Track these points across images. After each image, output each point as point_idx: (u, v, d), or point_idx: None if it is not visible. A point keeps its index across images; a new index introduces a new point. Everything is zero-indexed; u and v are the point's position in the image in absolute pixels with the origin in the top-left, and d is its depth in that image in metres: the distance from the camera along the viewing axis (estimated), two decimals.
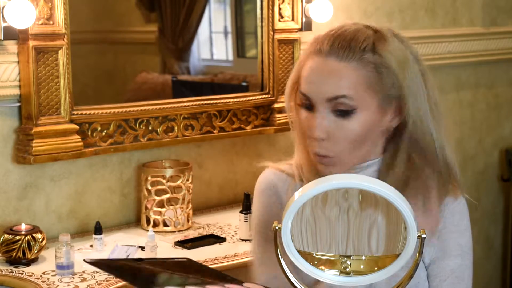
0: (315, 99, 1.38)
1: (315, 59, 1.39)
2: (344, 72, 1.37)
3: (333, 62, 1.37)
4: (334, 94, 1.37)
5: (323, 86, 1.37)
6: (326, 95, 1.37)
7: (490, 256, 3.86)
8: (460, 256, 1.46)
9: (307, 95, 1.39)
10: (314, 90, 1.38)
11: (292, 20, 2.82)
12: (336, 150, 1.39)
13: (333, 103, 1.37)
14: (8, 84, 2.30)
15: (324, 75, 1.37)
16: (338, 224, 1.20)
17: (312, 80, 1.39)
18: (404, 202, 1.15)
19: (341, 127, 1.38)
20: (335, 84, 1.37)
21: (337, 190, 1.18)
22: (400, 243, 1.18)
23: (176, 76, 2.91)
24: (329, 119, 1.38)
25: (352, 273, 1.21)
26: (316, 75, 1.38)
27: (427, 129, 1.44)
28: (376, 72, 1.38)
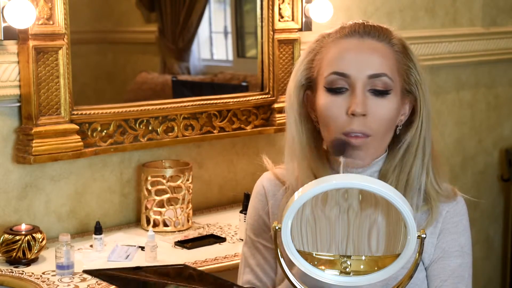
0: (355, 76, 1.37)
1: (348, 40, 1.40)
2: (383, 51, 1.39)
3: (371, 41, 1.39)
4: (377, 71, 1.37)
5: (366, 63, 1.37)
6: (368, 72, 1.37)
7: (490, 256, 3.86)
8: (461, 256, 1.47)
9: (347, 73, 1.37)
10: (354, 67, 1.37)
11: (292, 20, 2.82)
12: (373, 128, 1.38)
13: (373, 81, 1.37)
14: (8, 84, 2.30)
15: (365, 52, 1.38)
16: (338, 224, 1.20)
17: (350, 58, 1.38)
18: (404, 202, 1.15)
19: (379, 106, 1.37)
20: (378, 60, 1.38)
21: (337, 190, 1.18)
22: (400, 243, 1.18)
23: (176, 76, 2.91)
24: (368, 97, 1.37)
25: (352, 273, 1.21)
26: (355, 53, 1.38)
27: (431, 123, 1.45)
28: (402, 54, 1.42)
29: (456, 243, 1.47)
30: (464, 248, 1.48)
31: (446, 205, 1.47)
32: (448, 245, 1.46)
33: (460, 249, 1.47)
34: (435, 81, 3.49)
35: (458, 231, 1.47)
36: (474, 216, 3.65)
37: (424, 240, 1.20)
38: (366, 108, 1.36)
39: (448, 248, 1.46)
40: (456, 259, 1.46)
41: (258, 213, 1.55)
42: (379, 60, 1.38)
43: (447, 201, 1.47)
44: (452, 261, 1.46)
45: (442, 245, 1.46)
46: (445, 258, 1.46)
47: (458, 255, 1.47)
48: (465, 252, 1.48)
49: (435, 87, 3.49)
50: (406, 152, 1.44)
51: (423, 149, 1.44)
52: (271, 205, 1.53)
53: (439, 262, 1.46)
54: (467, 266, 1.48)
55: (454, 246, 1.46)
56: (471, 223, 1.53)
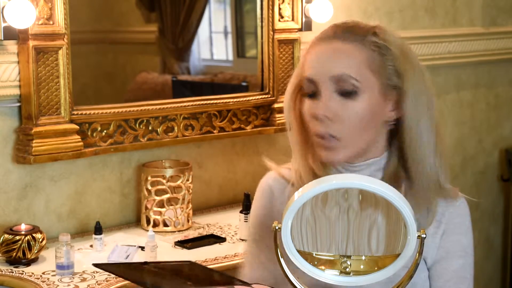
0: (320, 79, 1.38)
1: (319, 45, 1.41)
2: (348, 51, 1.38)
3: (337, 43, 1.39)
4: (339, 72, 1.37)
5: (328, 65, 1.38)
6: (330, 73, 1.37)
7: (490, 256, 3.86)
8: (463, 256, 1.47)
9: (311, 77, 1.38)
10: (318, 70, 1.38)
11: (292, 20, 2.82)
12: (342, 131, 1.37)
13: (338, 83, 1.37)
14: (8, 84, 2.30)
15: (328, 55, 1.38)
16: (338, 224, 1.20)
17: (316, 61, 1.39)
18: (404, 202, 1.15)
19: (347, 108, 1.37)
20: (340, 62, 1.37)
21: (337, 190, 1.18)
22: (400, 243, 1.18)
23: (176, 76, 2.91)
24: (334, 99, 1.37)
25: (352, 273, 1.21)
26: (320, 56, 1.39)
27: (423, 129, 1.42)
28: (379, 54, 1.39)
29: (459, 244, 1.47)
30: (467, 249, 1.48)
31: (449, 206, 1.47)
32: (451, 246, 1.46)
33: (463, 249, 1.47)
34: (435, 81, 3.47)
35: (461, 232, 1.48)
36: (474, 217, 3.63)
37: (424, 240, 1.20)
38: (329, 111, 1.37)
39: (451, 249, 1.46)
40: (459, 260, 1.46)
41: (267, 212, 1.54)
42: (343, 61, 1.37)
43: (449, 202, 1.47)
44: (454, 262, 1.46)
45: (445, 246, 1.46)
46: (448, 258, 1.46)
47: (460, 255, 1.47)
48: (467, 253, 1.48)
49: (435, 87, 3.48)
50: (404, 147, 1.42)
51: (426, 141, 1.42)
52: (280, 202, 1.52)
53: (442, 263, 1.46)
54: (469, 266, 1.48)
55: (457, 246, 1.47)
56: (471, 223, 1.53)
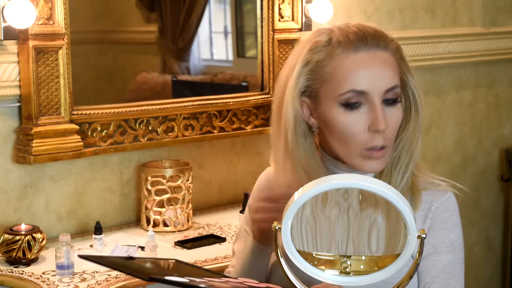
0: (373, 92, 1.37)
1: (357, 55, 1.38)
2: (391, 61, 1.39)
3: (378, 52, 1.38)
4: (392, 84, 1.38)
5: (381, 78, 1.37)
6: (384, 86, 1.37)
7: (490, 256, 3.86)
8: (451, 252, 1.46)
9: (364, 90, 1.37)
10: (371, 84, 1.37)
11: (292, 20, 2.82)
12: (390, 140, 1.41)
13: (387, 94, 1.38)
14: (8, 84, 2.30)
15: (378, 67, 1.38)
16: (338, 224, 1.20)
17: (365, 75, 1.37)
18: (404, 202, 1.15)
19: (392, 115, 1.39)
20: (390, 74, 1.38)
21: (337, 190, 1.18)
22: (400, 243, 1.18)
23: (176, 76, 2.91)
24: (384, 111, 1.38)
25: (352, 273, 1.21)
26: (369, 69, 1.37)
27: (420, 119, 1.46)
28: (399, 58, 1.42)
29: (446, 239, 1.46)
30: (455, 244, 1.47)
31: (435, 201, 1.47)
32: (438, 241, 1.46)
33: (451, 244, 1.47)
34: (435, 81, 3.48)
35: (448, 227, 1.47)
36: (474, 216, 3.64)
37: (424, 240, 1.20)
38: (386, 123, 1.38)
39: (439, 244, 1.46)
40: (447, 255, 1.46)
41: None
42: (391, 73, 1.39)
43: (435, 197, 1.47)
44: (442, 257, 1.46)
45: (432, 241, 1.46)
46: (435, 254, 1.46)
47: (448, 251, 1.46)
48: (455, 248, 1.47)
49: (435, 87, 3.49)
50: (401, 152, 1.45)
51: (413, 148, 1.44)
52: None
53: (430, 258, 1.46)
54: (458, 262, 1.47)
55: (444, 242, 1.46)
56: (471, 223, 1.53)
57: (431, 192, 1.48)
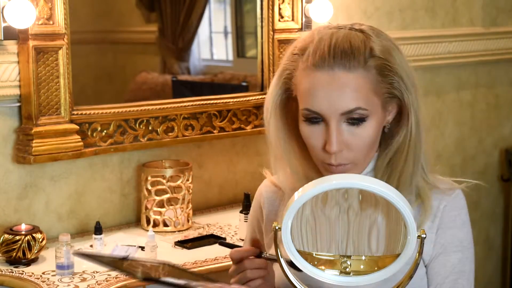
0: (328, 114, 1.34)
1: (318, 74, 1.35)
2: (354, 83, 1.33)
3: (341, 74, 1.33)
4: (349, 108, 1.33)
5: (337, 101, 1.33)
6: (340, 110, 1.33)
7: (490, 256, 3.86)
8: (461, 251, 1.46)
9: (318, 112, 1.35)
10: (326, 106, 1.34)
11: (292, 20, 2.82)
12: (351, 157, 1.37)
13: (347, 115, 1.34)
14: (8, 84, 2.30)
15: (335, 90, 1.33)
16: (338, 224, 1.20)
17: (321, 96, 1.34)
18: (404, 202, 1.15)
19: (356, 135, 1.36)
20: (349, 97, 1.33)
21: (337, 190, 1.18)
22: (400, 243, 1.18)
23: (176, 76, 2.91)
24: (343, 131, 1.35)
25: (352, 273, 1.21)
26: (326, 91, 1.34)
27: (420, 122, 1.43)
28: (379, 75, 1.36)
29: (455, 238, 1.46)
30: (464, 242, 1.47)
31: (443, 199, 1.46)
32: (447, 241, 1.45)
33: (460, 243, 1.46)
34: (435, 81, 3.48)
35: (456, 226, 1.46)
36: (474, 217, 3.64)
37: (424, 240, 1.20)
38: (341, 145, 1.35)
39: (447, 244, 1.45)
40: (456, 254, 1.45)
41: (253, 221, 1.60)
42: (351, 95, 1.34)
43: (443, 195, 1.46)
44: (451, 257, 1.45)
45: (441, 241, 1.45)
46: (444, 254, 1.45)
47: (457, 250, 1.45)
48: (464, 247, 1.47)
49: (435, 87, 3.49)
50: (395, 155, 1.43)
51: (414, 152, 1.42)
52: (267, 212, 1.55)
53: (439, 259, 1.45)
54: (467, 260, 1.47)
55: (453, 241, 1.45)
56: (471, 223, 1.53)
57: (440, 191, 1.47)
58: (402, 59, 1.40)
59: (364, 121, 1.35)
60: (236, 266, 1.40)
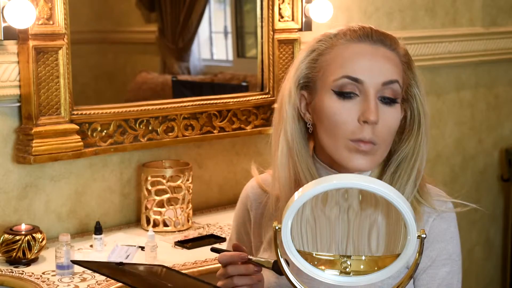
0: (369, 83, 1.35)
1: (361, 45, 1.37)
2: (395, 60, 1.38)
3: (384, 49, 1.38)
4: (391, 78, 1.36)
5: (381, 70, 1.36)
6: (382, 79, 1.36)
7: (490, 256, 3.86)
8: (449, 264, 1.45)
9: (359, 78, 1.35)
10: (368, 73, 1.35)
11: (292, 20, 2.82)
12: (382, 137, 1.37)
13: (384, 89, 1.36)
14: (8, 84, 2.30)
15: (379, 60, 1.36)
16: (338, 224, 1.20)
17: (365, 64, 1.36)
18: (404, 202, 1.15)
19: (387, 114, 1.37)
20: (391, 69, 1.37)
21: (337, 190, 1.18)
22: (400, 243, 1.18)
23: (176, 76, 2.91)
24: (379, 105, 1.36)
25: (352, 273, 1.21)
26: (369, 59, 1.36)
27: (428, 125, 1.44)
28: (408, 69, 1.41)
29: (444, 251, 1.45)
30: (452, 256, 1.45)
31: (433, 212, 1.45)
32: (436, 254, 1.44)
33: (449, 257, 1.45)
34: (435, 81, 3.48)
35: (445, 239, 1.45)
36: (474, 217, 3.64)
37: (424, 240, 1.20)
38: (378, 116, 1.35)
39: (436, 257, 1.44)
40: (445, 267, 1.44)
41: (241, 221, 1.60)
42: (393, 69, 1.37)
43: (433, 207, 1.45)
44: (440, 270, 1.44)
45: (430, 254, 1.44)
46: (433, 267, 1.44)
47: (446, 263, 1.44)
48: (453, 260, 1.45)
49: (435, 87, 3.49)
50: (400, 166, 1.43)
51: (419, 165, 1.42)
52: (254, 215, 1.56)
53: (428, 271, 1.44)
54: (455, 273, 1.46)
55: (442, 254, 1.45)
56: (471, 224, 1.53)
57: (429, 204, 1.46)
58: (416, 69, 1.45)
59: (396, 102, 1.38)
60: (223, 270, 1.39)
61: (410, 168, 1.42)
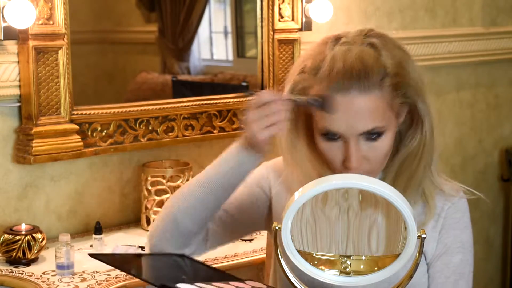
0: (347, 134, 1.37)
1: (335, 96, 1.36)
2: (370, 105, 1.36)
3: (356, 96, 1.35)
4: (367, 129, 1.36)
5: (355, 124, 1.36)
6: (358, 131, 1.36)
7: (490, 256, 3.86)
8: (462, 252, 1.48)
9: (336, 132, 1.37)
10: (344, 128, 1.36)
11: (292, 20, 2.82)
12: (370, 168, 1.40)
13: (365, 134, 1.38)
14: (8, 84, 2.30)
15: (352, 114, 1.36)
16: (338, 224, 1.20)
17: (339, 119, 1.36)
18: (404, 202, 1.15)
19: (374, 149, 1.39)
20: (366, 119, 1.36)
21: (337, 190, 1.18)
22: (400, 243, 1.18)
23: (176, 76, 2.91)
24: (361, 146, 1.38)
25: (352, 273, 1.21)
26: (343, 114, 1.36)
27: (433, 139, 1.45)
28: (394, 91, 1.39)
29: (458, 239, 1.48)
30: (465, 245, 1.49)
31: (448, 200, 1.48)
32: (450, 241, 1.47)
33: (462, 245, 1.48)
34: (435, 81, 3.48)
35: (460, 227, 1.49)
36: (474, 216, 3.62)
37: (424, 240, 1.20)
38: (360, 160, 1.38)
39: (450, 244, 1.47)
40: (458, 255, 1.48)
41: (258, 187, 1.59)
42: (368, 117, 1.36)
43: (448, 196, 1.48)
44: (454, 257, 1.47)
45: (444, 241, 1.47)
46: (447, 254, 1.47)
47: (459, 251, 1.48)
48: (466, 249, 1.49)
49: (435, 87, 3.49)
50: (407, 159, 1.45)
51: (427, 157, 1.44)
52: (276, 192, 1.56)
53: (442, 258, 1.47)
54: (467, 263, 1.49)
55: (456, 242, 1.48)
56: (471, 223, 1.54)
57: (444, 192, 1.49)
58: (412, 66, 1.43)
59: (382, 135, 1.38)
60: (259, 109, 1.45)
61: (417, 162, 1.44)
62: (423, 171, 1.44)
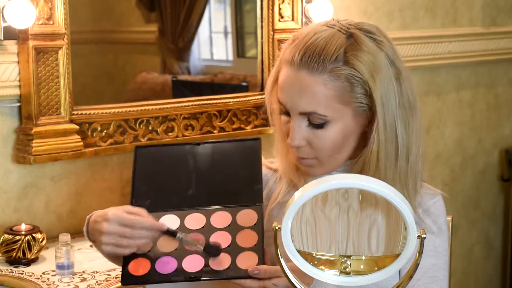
0: (290, 109, 1.41)
1: (288, 69, 1.40)
2: (315, 88, 1.37)
3: (304, 76, 1.37)
4: (306, 110, 1.39)
5: (296, 100, 1.39)
6: (298, 109, 1.39)
7: (490, 256, 3.86)
8: (435, 256, 1.46)
9: (284, 104, 1.42)
10: (288, 101, 1.41)
11: (292, 20, 2.82)
12: (313, 154, 1.42)
13: (307, 116, 1.40)
14: (8, 84, 2.30)
15: (296, 90, 1.39)
16: (338, 224, 1.20)
17: (285, 91, 1.41)
18: (404, 202, 1.15)
19: (317, 136, 1.41)
20: (307, 100, 1.38)
21: (337, 190, 1.18)
22: (400, 243, 1.18)
23: (176, 76, 2.91)
24: (305, 128, 1.40)
25: (352, 273, 1.21)
26: (289, 87, 1.40)
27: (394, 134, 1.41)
28: (348, 83, 1.37)
29: (430, 243, 1.46)
30: (439, 249, 1.47)
31: (422, 203, 1.47)
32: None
33: (434, 249, 1.46)
34: (435, 81, 3.49)
35: (433, 231, 1.47)
36: (474, 216, 3.64)
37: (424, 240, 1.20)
38: (301, 140, 1.40)
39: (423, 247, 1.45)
40: (430, 259, 1.46)
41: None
42: (309, 99, 1.38)
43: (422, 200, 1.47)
44: (425, 261, 1.45)
45: None
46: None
47: (432, 255, 1.46)
48: (439, 253, 1.47)
49: (435, 87, 3.49)
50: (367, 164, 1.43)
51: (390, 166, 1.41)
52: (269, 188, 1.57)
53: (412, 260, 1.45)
54: (441, 267, 1.47)
55: (428, 246, 1.45)
56: (471, 223, 1.53)
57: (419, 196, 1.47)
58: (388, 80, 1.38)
59: (326, 125, 1.39)
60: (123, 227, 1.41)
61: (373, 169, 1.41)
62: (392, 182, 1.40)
